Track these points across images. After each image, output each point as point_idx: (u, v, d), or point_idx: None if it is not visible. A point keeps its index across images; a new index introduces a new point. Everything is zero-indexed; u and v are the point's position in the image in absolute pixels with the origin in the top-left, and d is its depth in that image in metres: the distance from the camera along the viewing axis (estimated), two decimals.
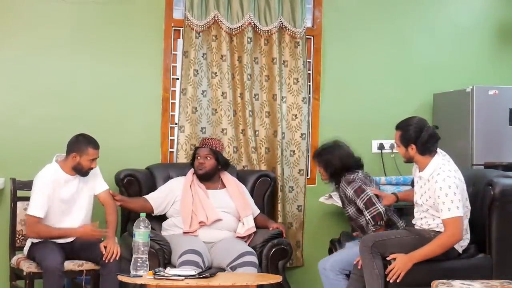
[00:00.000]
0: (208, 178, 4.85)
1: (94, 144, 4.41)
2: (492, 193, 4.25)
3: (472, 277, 3.94)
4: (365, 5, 5.76)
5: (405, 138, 4.14)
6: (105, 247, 4.28)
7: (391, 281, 3.97)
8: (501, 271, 4.17)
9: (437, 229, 4.08)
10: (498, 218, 4.26)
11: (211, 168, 4.83)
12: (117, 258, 4.27)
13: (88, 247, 4.39)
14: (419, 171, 4.19)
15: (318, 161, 4.65)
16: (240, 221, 4.79)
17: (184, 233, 4.64)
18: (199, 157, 4.84)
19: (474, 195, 4.35)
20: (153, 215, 4.74)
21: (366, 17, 5.76)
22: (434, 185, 4.03)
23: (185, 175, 4.91)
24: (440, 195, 3.99)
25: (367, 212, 4.35)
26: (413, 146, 4.12)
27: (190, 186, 4.80)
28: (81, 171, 4.40)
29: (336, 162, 4.55)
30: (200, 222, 4.66)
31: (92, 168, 4.43)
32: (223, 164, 4.89)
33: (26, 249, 4.45)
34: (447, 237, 3.98)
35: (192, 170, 4.89)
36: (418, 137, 4.10)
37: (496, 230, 4.25)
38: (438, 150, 4.19)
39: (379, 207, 4.35)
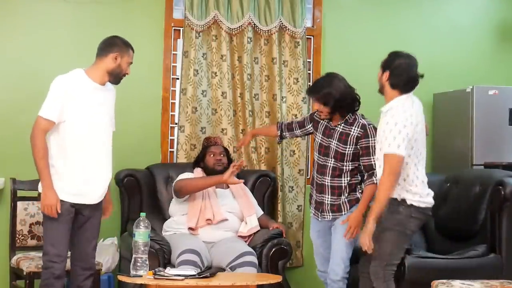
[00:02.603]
0: None
1: (132, 47, 3.96)
2: (503, 193, 4.24)
3: (483, 276, 3.91)
4: (365, 5, 5.77)
5: (387, 62, 3.99)
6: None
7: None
8: None
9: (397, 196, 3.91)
10: (509, 218, 4.25)
11: (226, 165, 4.84)
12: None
13: (85, 232, 3.92)
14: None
15: (316, 93, 4.24)
16: (242, 221, 4.79)
17: (189, 228, 4.64)
18: (213, 154, 4.86)
19: (481, 195, 4.34)
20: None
21: (366, 17, 5.77)
22: (383, 119, 3.89)
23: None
24: (385, 129, 3.81)
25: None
26: (387, 73, 3.95)
27: None
28: (118, 76, 3.91)
29: (339, 90, 4.21)
30: (207, 220, 4.66)
31: (126, 75, 3.94)
32: (230, 162, 4.92)
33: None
34: (384, 177, 3.77)
35: (199, 169, 4.89)
36: (397, 67, 3.93)
37: (507, 230, 4.25)
38: (411, 95, 3.99)
39: None
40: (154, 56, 5.30)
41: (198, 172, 4.88)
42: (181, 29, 5.31)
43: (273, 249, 4.61)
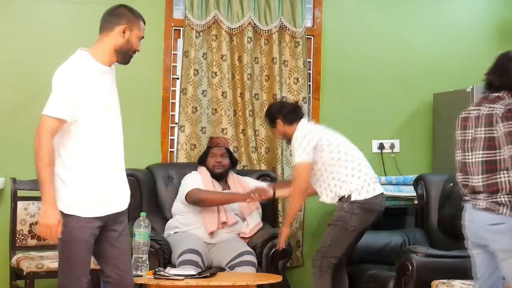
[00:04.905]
0: (222, 177, 4.86)
1: (143, 19, 3.25)
2: None
3: None
4: (365, 5, 5.77)
5: (269, 117, 4.54)
6: None
7: (280, 248, 4.38)
8: None
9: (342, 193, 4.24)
10: None
11: (227, 167, 4.86)
12: None
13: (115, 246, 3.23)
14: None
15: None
16: (245, 220, 4.80)
17: (211, 233, 4.62)
18: (214, 156, 4.84)
19: None
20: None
21: (366, 17, 5.76)
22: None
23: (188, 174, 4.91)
24: (291, 145, 4.34)
25: None
26: (279, 119, 4.43)
27: (213, 184, 4.80)
28: (128, 54, 3.21)
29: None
30: (222, 223, 4.65)
31: (136, 52, 3.24)
32: (234, 162, 4.92)
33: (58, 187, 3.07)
34: (293, 185, 4.33)
35: (203, 168, 4.87)
36: (281, 110, 4.49)
37: None
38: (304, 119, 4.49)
39: None
40: (154, 56, 5.29)
41: (204, 172, 4.85)
42: (181, 29, 5.31)
43: (273, 249, 4.61)
